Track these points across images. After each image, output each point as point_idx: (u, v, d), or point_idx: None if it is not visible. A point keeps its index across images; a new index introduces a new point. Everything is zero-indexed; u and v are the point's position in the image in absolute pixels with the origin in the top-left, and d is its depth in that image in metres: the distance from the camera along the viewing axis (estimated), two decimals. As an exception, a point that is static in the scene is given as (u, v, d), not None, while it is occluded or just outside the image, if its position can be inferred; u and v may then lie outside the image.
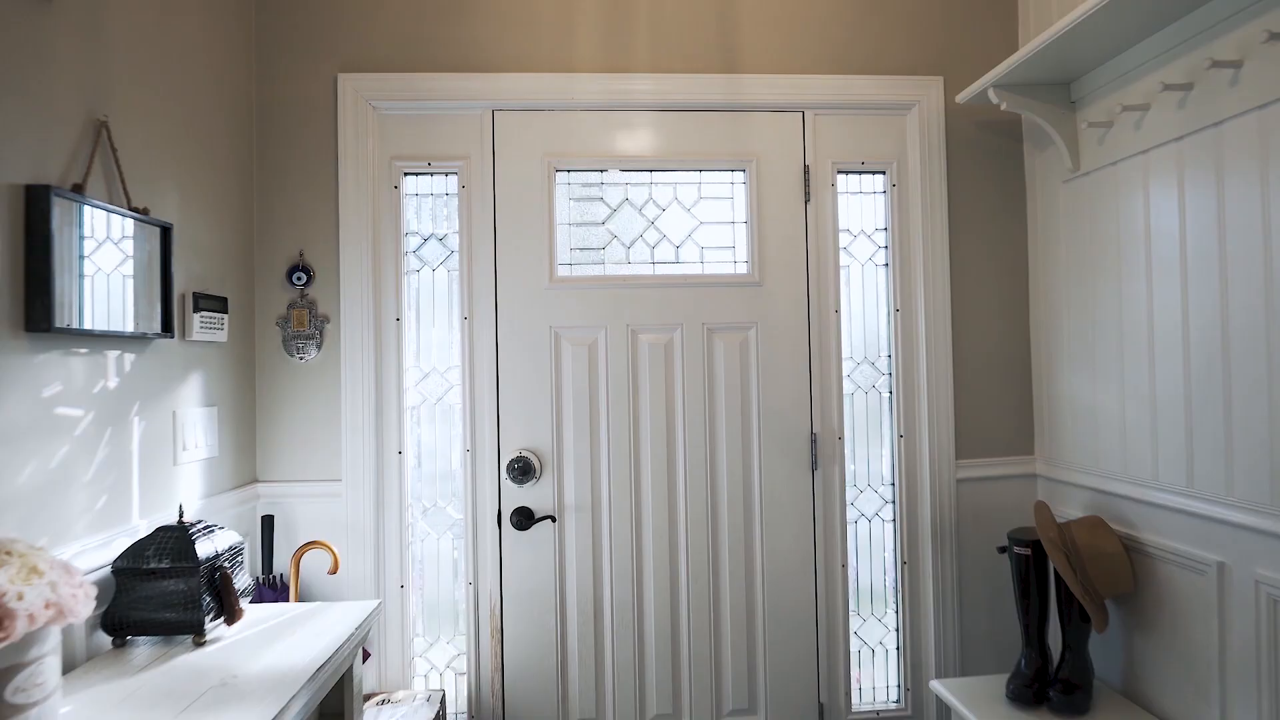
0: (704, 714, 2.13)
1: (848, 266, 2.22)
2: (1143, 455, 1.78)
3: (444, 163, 2.13)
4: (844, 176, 2.22)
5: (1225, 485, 1.54)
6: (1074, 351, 2.02)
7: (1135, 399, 1.80)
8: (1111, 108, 1.82)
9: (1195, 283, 1.61)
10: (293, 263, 2.06)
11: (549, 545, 2.11)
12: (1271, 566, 1.45)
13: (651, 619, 2.13)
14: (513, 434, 2.11)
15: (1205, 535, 1.60)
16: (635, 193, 2.17)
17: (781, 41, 2.16)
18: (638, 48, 2.13)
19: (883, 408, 2.23)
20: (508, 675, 2.09)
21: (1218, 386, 1.56)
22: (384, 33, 2.09)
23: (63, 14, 1.33)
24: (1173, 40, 1.62)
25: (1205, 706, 1.61)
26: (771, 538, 2.16)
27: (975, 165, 2.21)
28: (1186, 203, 1.62)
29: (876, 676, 2.21)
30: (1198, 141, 1.59)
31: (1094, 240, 1.93)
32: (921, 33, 2.19)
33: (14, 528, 1.19)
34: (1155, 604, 1.76)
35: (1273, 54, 1.40)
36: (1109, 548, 1.78)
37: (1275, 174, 1.41)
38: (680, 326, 2.16)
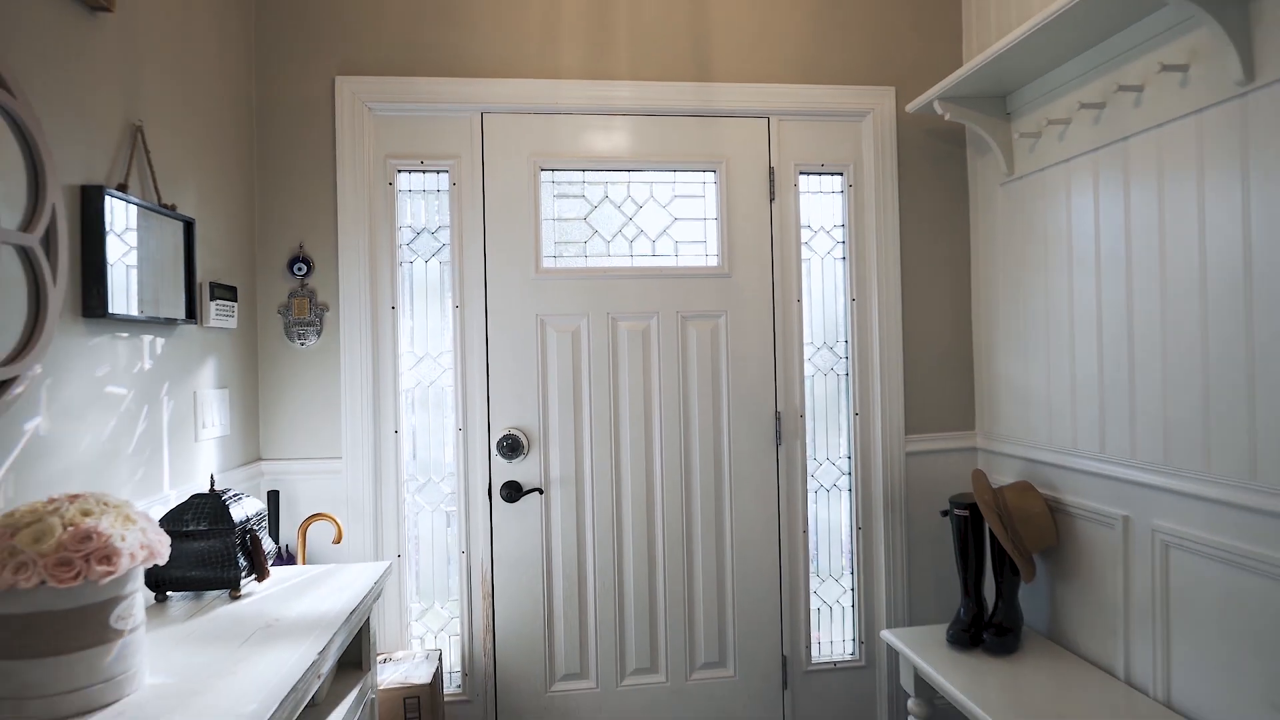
0: (679, 668, 2.34)
1: (809, 260, 2.43)
2: (1064, 427, 2.03)
3: (436, 161, 2.28)
4: (805, 177, 2.43)
5: (1130, 450, 1.80)
6: (1008, 337, 2.27)
7: (1058, 378, 2.05)
8: (1040, 121, 2.06)
9: (1107, 277, 1.86)
10: (293, 254, 2.20)
11: (536, 516, 2.29)
12: (1165, 517, 1.70)
13: (630, 582, 2.33)
14: (502, 414, 2.28)
15: (1114, 493, 1.85)
16: (615, 190, 2.35)
17: (749, 53, 2.35)
18: (618, 57, 2.31)
19: (840, 388, 2.45)
20: (498, 635, 2.27)
21: (1124, 366, 1.81)
22: (380, 38, 2.23)
23: (103, 28, 1.46)
24: (1088, 65, 1.86)
25: (1113, 641, 1.87)
26: (739, 507, 2.37)
27: (923, 168, 2.44)
28: (1100, 207, 1.87)
29: (834, 631, 2.45)
30: (1109, 153, 1.83)
31: (1025, 238, 2.17)
32: (876, 47, 2.41)
33: (77, 491, 1.33)
34: (1074, 556, 2.01)
35: (1166, 82, 1.64)
36: (1035, 508, 2.04)
37: (1169, 184, 1.66)
38: (656, 314, 2.35)
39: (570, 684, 2.30)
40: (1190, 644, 1.65)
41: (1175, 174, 1.64)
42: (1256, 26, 1.43)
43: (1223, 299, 1.54)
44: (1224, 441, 1.55)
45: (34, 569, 1.01)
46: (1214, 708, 1.60)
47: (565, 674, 2.30)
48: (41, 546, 1.03)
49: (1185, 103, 1.60)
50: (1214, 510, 1.57)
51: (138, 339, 1.56)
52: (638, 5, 2.31)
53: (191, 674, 1.17)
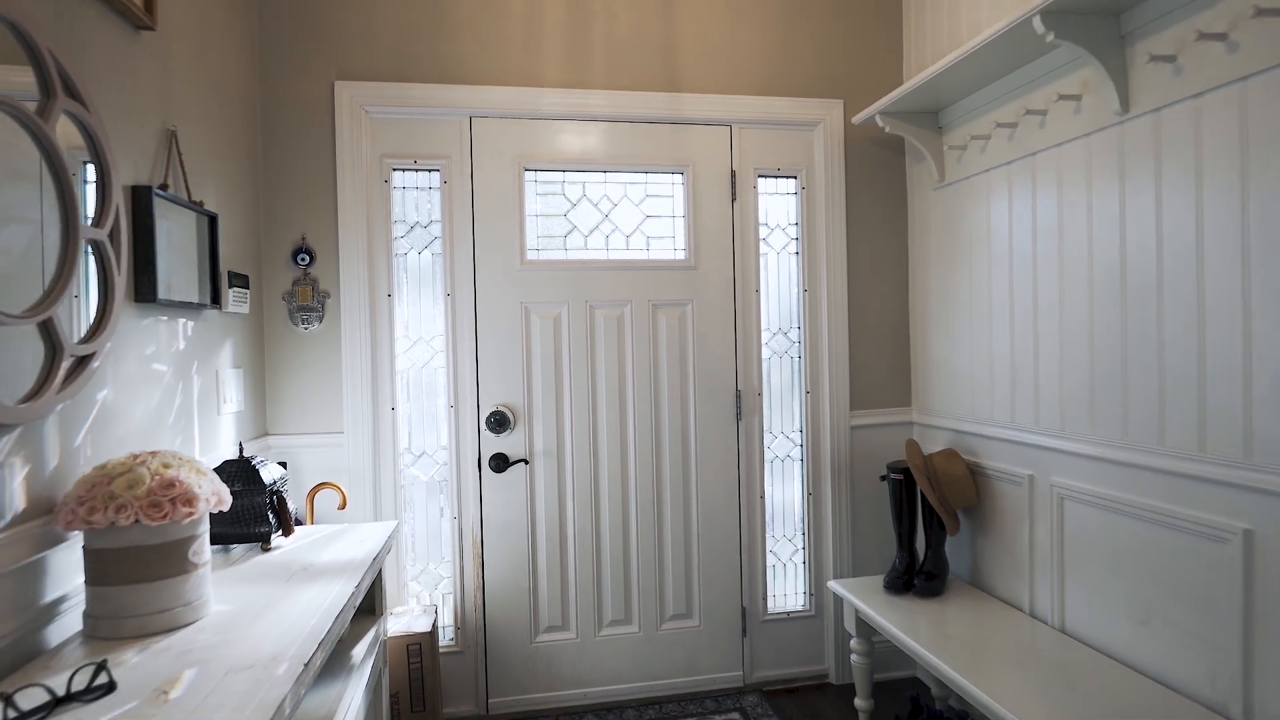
0: (650, 619, 2.61)
1: (766, 254, 2.71)
2: (983, 401, 2.35)
3: (428, 161, 2.49)
4: (763, 180, 2.71)
5: (1034, 419, 2.12)
6: (939, 324, 2.58)
7: (979, 360, 2.36)
8: (965, 136, 2.37)
9: (1017, 272, 2.17)
10: (296, 245, 2.39)
11: (522, 484, 2.53)
12: (1061, 474, 2.03)
13: (607, 543, 2.59)
14: (490, 392, 2.51)
15: (1021, 456, 2.18)
16: (592, 190, 2.59)
17: (714, 67, 2.61)
18: (595, 69, 2.54)
19: (793, 370, 2.74)
20: (488, 592, 2.51)
21: (1029, 348, 2.12)
22: (377, 46, 2.42)
23: (146, 44, 1.64)
24: (1003, 90, 2.16)
25: (1020, 582, 2.20)
26: (704, 476, 2.64)
27: (868, 173, 2.73)
28: (1013, 211, 2.18)
29: (787, 585, 2.75)
30: (1020, 166, 2.14)
31: (953, 237, 2.48)
32: (827, 64, 2.69)
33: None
34: (991, 512, 2.34)
35: (1063, 109, 1.95)
36: (959, 471, 2.35)
37: (1066, 194, 1.97)
38: (630, 302, 2.60)
39: (553, 635, 2.56)
40: (1079, 580, 1.98)
41: (1070, 186, 1.96)
42: (1130, 69, 1.74)
43: (1105, 291, 1.86)
44: (1105, 410, 1.87)
45: (131, 509, 1.22)
46: (1095, 629, 1.93)
47: (548, 626, 2.55)
48: (135, 491, 1.24)
49: (1078, 126, 1.91)
50: (1097, 466, 1.90)
51: (174, 322, 1.75)
52: (612, 23, 2.55)
53: (250, 603, 1.39)
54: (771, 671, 2.70)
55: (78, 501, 1.23)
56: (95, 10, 1.46)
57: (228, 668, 1.11)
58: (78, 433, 1.38)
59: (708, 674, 2.65)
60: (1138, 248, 1.76)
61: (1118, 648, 1.87)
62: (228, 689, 1.04)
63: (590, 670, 2.57)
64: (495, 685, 2.51)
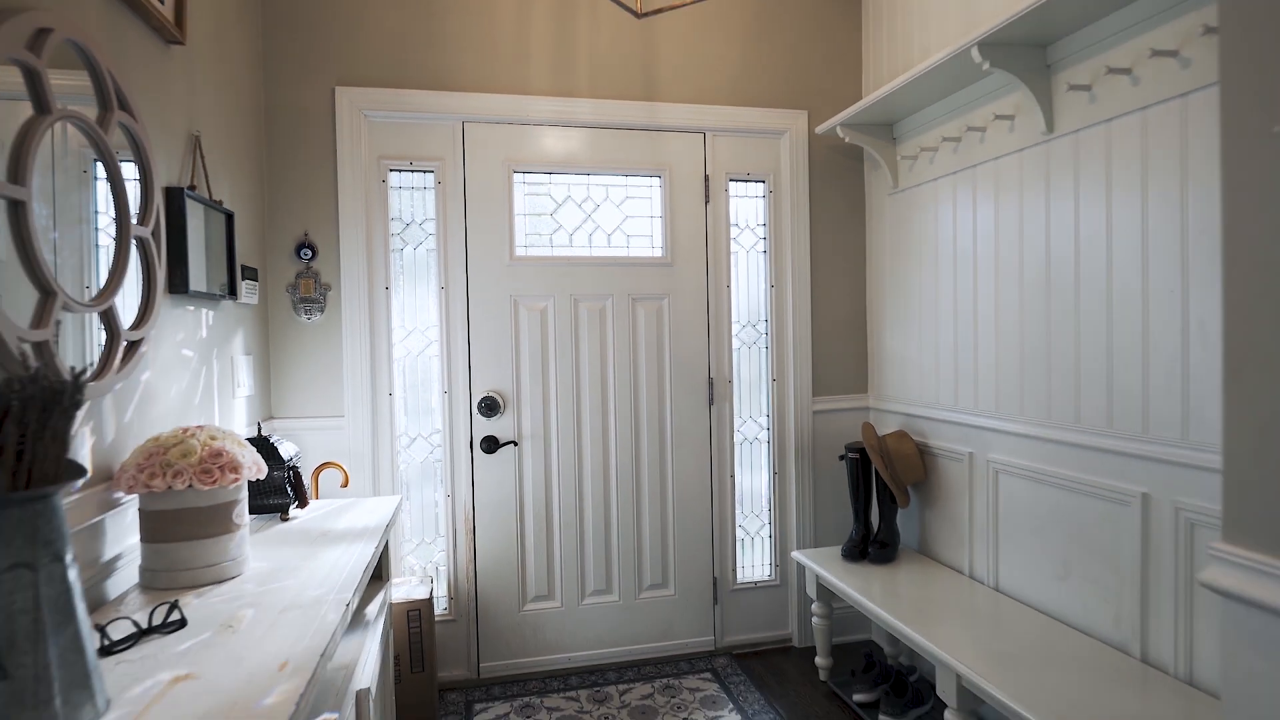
0: (629, 589, 2.83)
1: (736, 252, 2.93)
2: (931, 387, 2.60)
3: (423, 162, 2.66)
4: (734, 183, 2.93)
5: (974, 402, 2.38)
6: (893, 318, 2.83)
7: (927, 350, 2.62)
8: (916, 147, 2.61)
9: (960, 270, 2.42)
10: (299, 241, 2.54)
11: (511, 464, 2.72)
12: (996, 451, 2.29)
13: (589, 518, 2.79)
14: (481, 379, 2.70)
15: (964, 436, 2.44)
16: (576, 191, 2.79)
17: (689, 79, 2.82)
18: (579, 78, 2.73)
19: (761, 359, 2.97)
20: (479, 565, 2.70)
21: (969, 339, 2.38)
22: (375, 54, 2.58)
23: (176, 57, 1.80)
24: (949, 108, 2.41)
25: (962, 549, 2.46)
26: (679, 456, 2.86)
27: (829, 178, 2.97)
28: (956, 216, 2.43)
29: (755, 557, 2.98)
30: (963, 176, 2.39)
31: (906, 238, 2.73)
32: (793, 78, 2.91)
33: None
34: (937, 487, 2.60)
35: (999, 127, 2.20)
36: (909, 450, 2.61)
37: (1001, 202, 2.22)
38: (611, 296, 2.80)
39: (540, 604, 2.76)
40: (1010, 544, 2.24)
41: (1005, 195, 2.21)
42: (1055, 95, 2.00)
43: (1033, 289, 2.11)
44: (1032, 394, 2.13)
45: (185, 475, 1.40)
46: (1024, 586, 2.19)
47: (535, 596, 2.75)
48: (189, 460, 1.42)
49: (1012, 143, 2.17)
50: (1026, 443, 2.16)
51: (199, 311, 1.91)
52: (595, 36, 2.74)
53: (283, 561, 1.57)
54: (740, 636, 2.94)
55: (137, 469, 1.40)
56: (137, 29, 1.61)
57: (279, 608, 1.30)
58: (128, 409, 1.54)
59: (682, 639, 2.88)
60: (1060, 251, 2.02)
61: (1042, 600, 2.13)
62: (285, 623, 1.23)
63: (574, 636, 2.78)
64: (486, 651, 2.71)
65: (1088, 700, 1.66)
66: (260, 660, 1.09)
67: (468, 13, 2.64)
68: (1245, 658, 0.92)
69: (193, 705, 0.96)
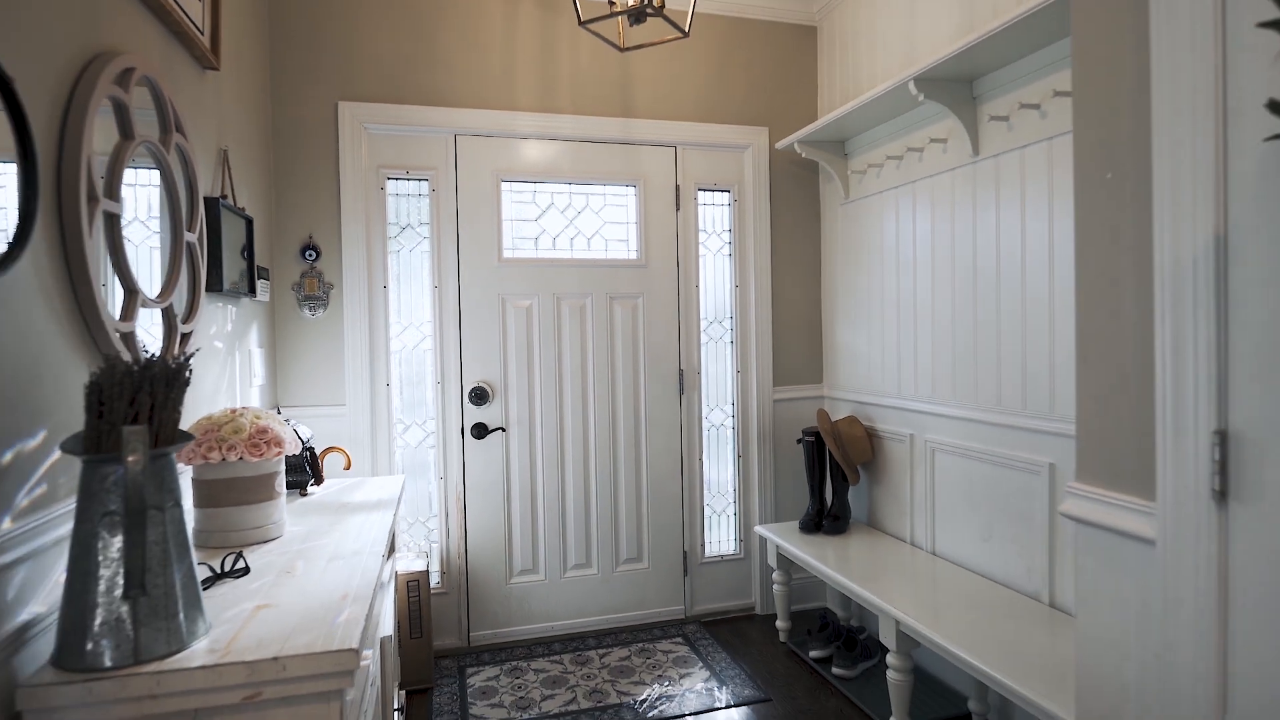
0: (607, 562, 3.10)
1: (704, 255, 3.22)
2: (877, 377, 2.92)
3: (418, 172, 2.89)
4: (702, 193, 3.21)
5: (914, 390, 2.70)
6: (845, 315, 3.14)
7: (874, 344, 2.93)
8: (864, 164, 2.93)
9: (902, 273, 2.74)
10: (304, 243, 2.75)
11: (499, 449, 2.97)
12: (933, 432, 2.61)
13: (570, 498, 3.05)
14: (472, 370, 2.94)
15: (905, 420, 2.76)
16: (559, 199, 3.04)
17: (662, 98, 3.09)
18: (561, 96, 2.99)
19: (726, 353, 3.26)
20: (470, 542, 2.94)
21: (910, 334, 2.70)
22: (374, 72, 2.80)
23: (210, 81, 2.01)
24: (892, 130, 2.73)
25: (904, 520, 2.78)
26: (652, 441, 3.14)
27: (788, 189, 3.27)
28: (899, 226, 2.75)
29: (721, 532, 3.28)
30: (905, 190, 2.71)
31: (855, 244, 3.04)
32: (756, 98, 3.21)
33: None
34: (883, 465, 2.91)
35: (934, 149, 2.52)
36: (858, 433, 2.92)
37: (936, 213, 2.54)
38: (591, 295, 3.06)
39: (525, 577, 3.01)
40: (945, 513, 2.57)
41: (940, 208, 2.53)
42: (980, 123, 2.32)
43: (963, 289, 2.43)
44: (963, 381, 2.45)
45: (238, 449, 1.63)
46: (956, 549, 2.52)
47: (521, 569, 3.01)
48: (240, 435, 1.64)
49: (945, 163, 2.49)
50: (957, 424, 2.48)
51: (226, 308, 2.13)
52: (576, 58, 3.00)
53: (314, 526, 1.80)
54: (708, 605, 3.23)
55: (195, 444, 1.62)
56: (183, 59, 1.83)
57: (325, 558, 1.54)
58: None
59: (655, 608, 3.15)
60: (984, 257, 2.34)
61: (971, 560, 2.46)
62: (333, 569, 1.47)
63: (557, 606, 3.04)
64: (476, 620, 2.95)
65: (1001, 637, 1.98)
66: (324, 594, 1.33)
67: (460, 35, 2.88)
68: (1089, 566, 1.22)
69: (279, 623, 1.20)
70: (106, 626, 1.04)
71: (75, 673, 1.02)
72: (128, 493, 1.00)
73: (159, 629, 1.08)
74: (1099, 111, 1.20)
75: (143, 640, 1.06)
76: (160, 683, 1.03)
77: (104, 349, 1.35)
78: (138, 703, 1.03)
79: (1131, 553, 1.14)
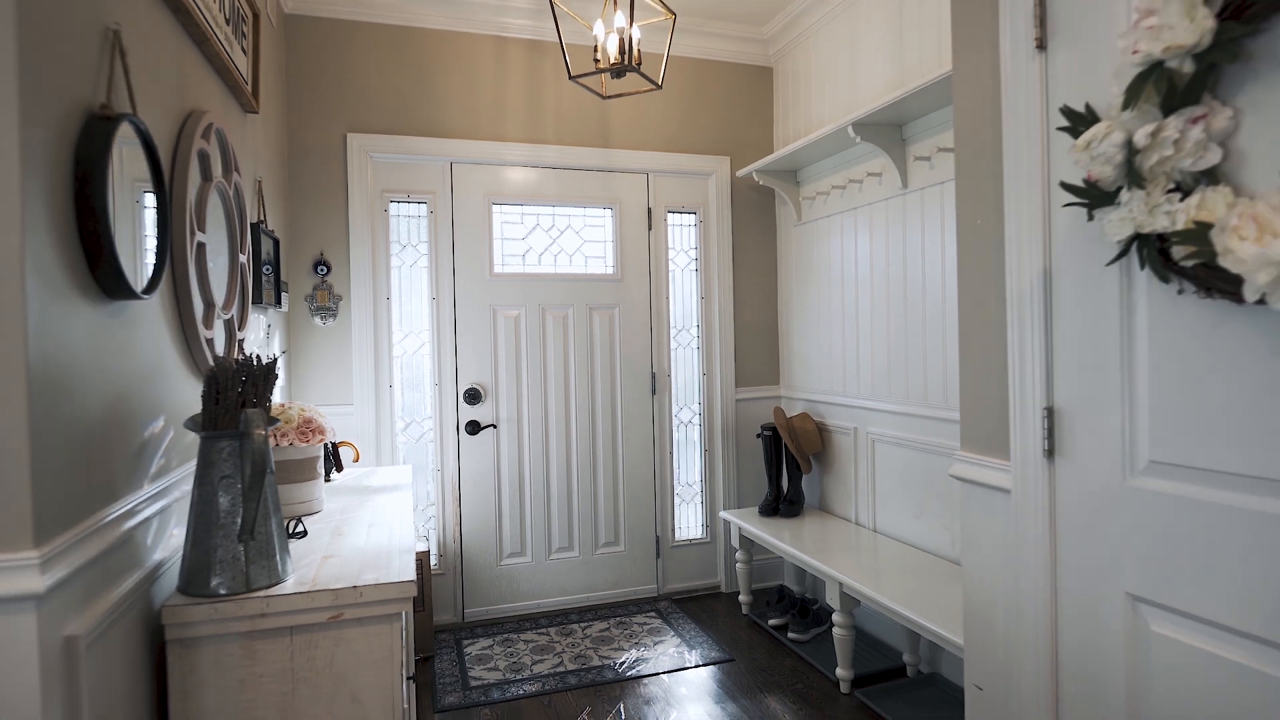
0: (587, 546, 3.44)
1: (674, 270, 3.60)
2: (826, 378, 3.32)
3: (418, 195, 3.22)
4: (672, 215, 3.59)
5: (858, 389, 3.10)
6: (798, 324, 3.54)
7: (824, 350, 3.33)
8: (814, 191, 3.33)
9: (845, 288, 3.15)
10: (316, 259, 3.06)
11: (491, 444, 3.30)
12: (873, 425, 3.01)
13: (554, 488, 3.39)
14: (466, 373, 3.27)
15: (850, 415, 3.16)
16: (544, 220, 3.40)
17: (636, 130, 3.47)
18: (546, 129, 3.34)
19: (694, 357, 3.64)
20: (464, 528, 3.26)
21: (853, 341, 3.10)
22: (379, 107, 3.13)
23: (251, 122, 2.33)
24: (836, 164, 3.14)
25: (850, 503, 3.18)
26: (627, 436, 3.50)
27: (748, 212, 3.66)
28: (843, 246, 3.16)
29: (690, 518, 3.64)
30: (848, 216, 3.12)
31: (807, 261, 3.45)
32: (718, 130, 3.60)
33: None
34: (832, 455, 3.31)
35: (871, 181, 2.93)
36: (810, 428, 3.32)
37: (874, 236, 2.95)
38: (572, 306, 3.42)
39: (514, 559, 3.34)
40: (884, 495, 2.97)
41: (876, 231, 2.94)
42: (908, 162, 2.73)
43: (896, 302, 2.84)
44: (896, 380, 2.86)
45: (290, 435, 1.95)
46: (893, 526, 2.92)
47: (510, 552, 3.34)
48: (291, 424, 1.96)
49: (880, 193, 2.90)
50: (892, 418, 2.88)
51: (260, 317, 2.44)
52: (559, 95, 3.36)
53: (345, 504, 2.12)
54: (678, 584, 3.59)
55: (252, 431, 1.94)
56: (234, 106, 2.15)
57: (365, 525, 1.87)
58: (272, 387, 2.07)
59: (631, 587, 3.51)
60: (912, 274, 2.75)
61: (905, 534, 2.86)
62: (374, 533, 1.80)
63: (542, 585, 3.38)
64: (470, 599, 3.27)
65: (926, 594, 2.37)
66: (373, 549, 1.66)
67: (456, 75, 3.22)
68: (970, 516, 1.61)
69: (345, 567, 1.53)
70: (224, 563, 1.37)
71: (202, 598, 1.34)
72: (253, 459, 1.33)
73: (263, 566, 1.41)
74: (972, 174, 1.59)
75: (252, 574, 1.39)
76: (269, 604, 1.36)
77: (195, 354, 1.67)
78: (250, 620, 1.35)
79: (997, 501, 1.53)
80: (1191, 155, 1.05)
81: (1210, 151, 1.05)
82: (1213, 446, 1.11)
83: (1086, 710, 1.33)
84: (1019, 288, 1.44)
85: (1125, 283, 1.23)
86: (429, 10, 3.16)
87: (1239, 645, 1.10)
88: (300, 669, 1.39)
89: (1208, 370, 1.11)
